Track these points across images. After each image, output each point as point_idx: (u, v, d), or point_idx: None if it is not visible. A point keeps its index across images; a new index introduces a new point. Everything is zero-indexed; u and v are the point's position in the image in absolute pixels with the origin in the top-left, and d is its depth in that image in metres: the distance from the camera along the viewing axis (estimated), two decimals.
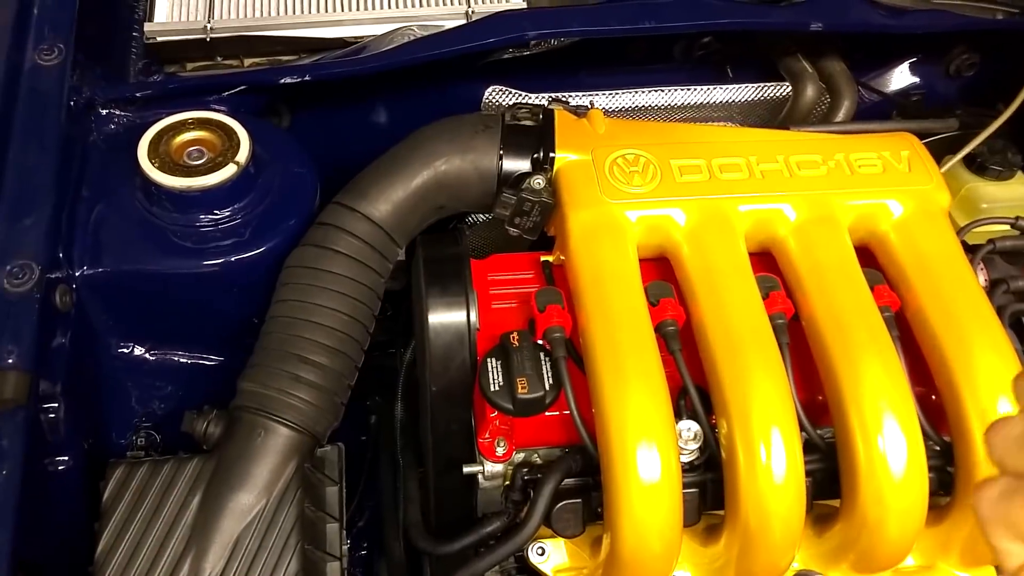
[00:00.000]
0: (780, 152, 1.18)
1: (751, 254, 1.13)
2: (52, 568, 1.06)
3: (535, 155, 1.18)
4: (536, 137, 1.19)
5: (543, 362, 1.05)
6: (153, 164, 1.13)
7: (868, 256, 1.16)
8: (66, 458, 1.09)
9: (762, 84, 1.52)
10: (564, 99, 1.31)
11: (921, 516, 1.01)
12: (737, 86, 1.52)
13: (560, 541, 1.09)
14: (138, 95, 1.27)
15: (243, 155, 1.15)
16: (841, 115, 1.42)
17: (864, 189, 1.16)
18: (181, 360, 1.27)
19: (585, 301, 1.06)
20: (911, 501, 0.99)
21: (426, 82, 1.44)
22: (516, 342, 1.06)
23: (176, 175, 1.13)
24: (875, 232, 1.16)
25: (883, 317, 1.06)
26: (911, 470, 0.98)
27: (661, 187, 1.14)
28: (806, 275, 1.10)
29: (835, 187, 1.16)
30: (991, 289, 1.23)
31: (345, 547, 1.11)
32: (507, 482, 1.10)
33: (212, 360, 1.28)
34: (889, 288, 1.11)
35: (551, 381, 1.04)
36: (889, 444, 0.98)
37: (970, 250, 1.24)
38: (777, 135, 1.24)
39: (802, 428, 1.03)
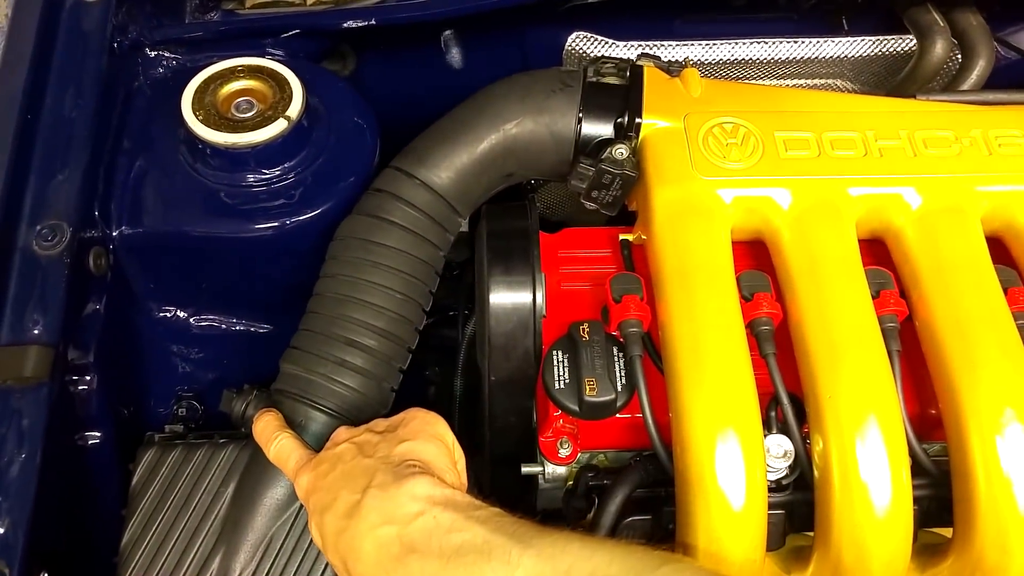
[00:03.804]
0: (903, 126, 1.03)
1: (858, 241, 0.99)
2: (82, 555, 0.99)
3: (619, 119, 1.04)
4: (621, 98, 1.05)
5: (616, 359, 0.94)
6: (197, 116, 1.03)
7: (1001, 251, 1.01)
8: (98, 433, 1.02)
9: (881, 37, 1.35)
10: (655, 54, 1.16)
11: None
12: (851, 39, 1.35)
13: None
14: (188, 36, 1.17)
15: (295, 109, 1.04)
16: (974, 77, 1.24)
17: (1004, 173, 1.00)
18: (225, 327, 1.19)
19: (668, 291, 0.93)
20: None
21: (504, 26, 1.32)
22: (586, 335, 0.94)
23: (221, 130, 1.02)
24: (1013, 224, 1.00)
25: (1017, 325, 0.92)
26: None
27: (762, 163, 1.00)
28: (926, 273, 0.95)
29: (969, 170, 1.00)
30: None
31: None
32: (570, 483, 1.00)
33: (259, 328, 1.20)
34: None
35: (623, 382, 0.93)
36: (1017, 471, 0.85)
37: None
38: (900, 105, 1.07)
39: (910, 448, 0.90)
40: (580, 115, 1.04)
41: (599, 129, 1.04)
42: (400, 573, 0.72)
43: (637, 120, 1.02)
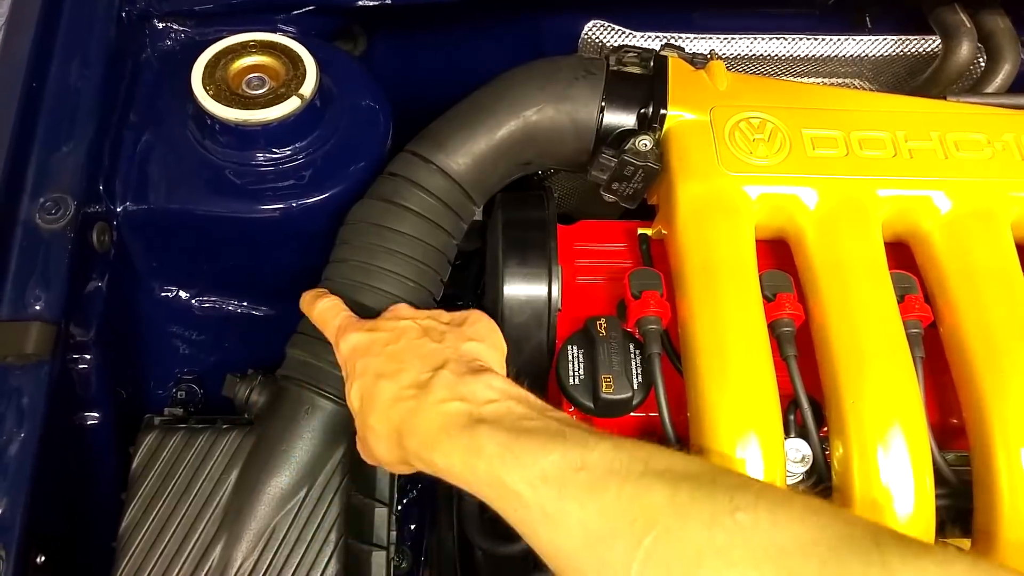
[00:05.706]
0: (934, 128, 1.00)
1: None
2: (80, 538, 0.97)
3: (642, 110, 1.01)
4: (645, 89, 1.02)
5: (632, 357, 0.91)
6: (207, 91, 1.00)
7: None
8: (96, 414, 0.99)
9: (904, 37, 1.32)
10: (679, 45, 1.13)
11: None
12: (873, 38, 1.32)
13: None
14: (198, 8, 1.13)
15: (309, 87, 1.01)
16: (999, 80, 1.22)
17: None
18: (229, 309, 1.16)
19: (690, 289, 0.91)
20: None
21: (519, 12, 1.29)
22: (603, 331, 0.92)
23: (232, 106, 0.99)
24: None
25: None
26: None
27: (789, 161, 0.97)
28: (954, 279, 0.93)
29: (1001, 174, 0.98)
30: None
31: (393, 533, 1.00)
32: None
33: (263, 311, 1.17)
34: None
35: (640, 380, 0.91)
36: None
37: None
38: (931, 106, 1.05)
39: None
40: (603, 104, 1.01)
41: (622, 119, 1.01)
42: (464, 438, 0.70)
43: (662, 111, 1.00)
